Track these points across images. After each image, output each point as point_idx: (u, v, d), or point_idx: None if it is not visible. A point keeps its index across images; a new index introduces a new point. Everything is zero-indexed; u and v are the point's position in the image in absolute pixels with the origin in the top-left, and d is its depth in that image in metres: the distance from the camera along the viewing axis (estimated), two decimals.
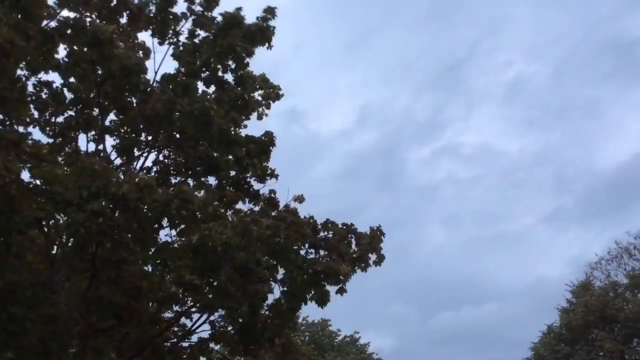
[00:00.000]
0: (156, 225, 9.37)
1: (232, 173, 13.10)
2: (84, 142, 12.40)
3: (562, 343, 32.63)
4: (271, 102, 14.16)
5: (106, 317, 9.39)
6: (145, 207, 8.96)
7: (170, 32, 12.87)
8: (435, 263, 74.41)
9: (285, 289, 10.59)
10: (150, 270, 10.20)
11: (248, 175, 13.20)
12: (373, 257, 11.44)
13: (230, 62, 12.52)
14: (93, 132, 12.35)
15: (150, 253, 10.35)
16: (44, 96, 12.12)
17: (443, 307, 78.62)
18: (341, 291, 10.62)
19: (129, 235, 9.33)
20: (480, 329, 60.39)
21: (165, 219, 9.34)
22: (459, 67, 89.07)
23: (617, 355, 30.33)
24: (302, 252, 10.57)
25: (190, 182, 13.24)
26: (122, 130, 12.77)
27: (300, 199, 11.99)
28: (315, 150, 77.34)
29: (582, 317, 31.22)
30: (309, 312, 38.10)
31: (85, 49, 11.13)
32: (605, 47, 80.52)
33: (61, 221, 9.78)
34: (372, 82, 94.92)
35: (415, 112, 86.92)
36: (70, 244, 10.43)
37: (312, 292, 10.52)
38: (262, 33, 12.48)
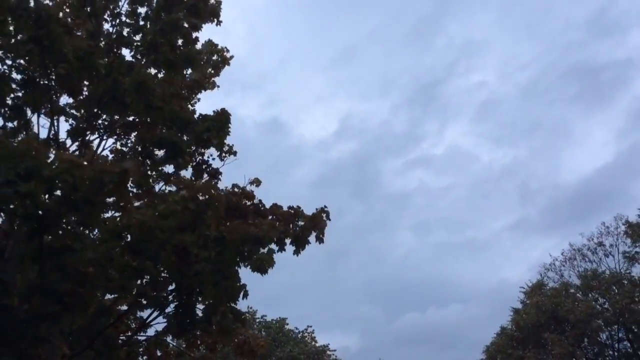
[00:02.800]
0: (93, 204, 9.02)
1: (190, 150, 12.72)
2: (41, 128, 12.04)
3: (514, 343, 33.15)
4: (221, 67, 13.99)
5: (50, 303, 9.11)
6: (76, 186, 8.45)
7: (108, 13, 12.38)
8: (405, 267, 76.95)
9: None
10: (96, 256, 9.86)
11: (204, 152, 12.84)
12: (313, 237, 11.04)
13: (178, 41, 12.07)
14: (44, 111, 11.77)
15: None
16: None
17: (409, 308, 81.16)
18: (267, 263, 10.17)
19: (73, 219, 9.09)
20: (443, 330, 62.33)
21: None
22: (436, 85, 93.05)
23: (567, 358, 30.98)
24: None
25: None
26: (78, 114, 12.27)
27: (256, 181, 11.69)
28: (294, 158, 79.89)
29: (534, 318, 31.75)
30: (267, 310, 38.49)
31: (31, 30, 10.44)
32: (572, 71, 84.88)
33: None
34: (353, 96, 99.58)
35: (392, 126, 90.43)
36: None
37: (245, 262, 10.08)
38: (205, 5, 12.12)
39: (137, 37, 12.33)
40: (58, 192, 8.66)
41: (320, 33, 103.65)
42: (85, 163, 8.90)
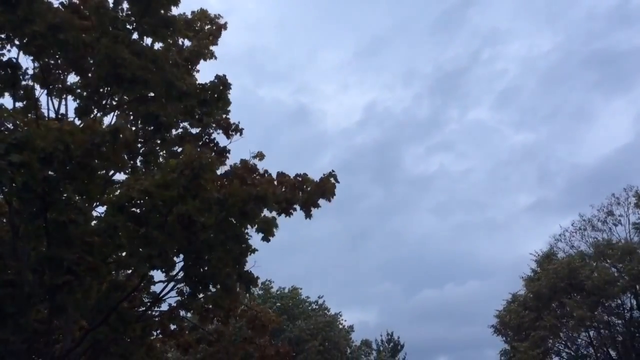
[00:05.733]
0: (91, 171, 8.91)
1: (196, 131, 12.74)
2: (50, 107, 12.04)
3: (526, 311, 33.19)
4: (217, 36, 13.86)
5: (61, 274, 9.19)
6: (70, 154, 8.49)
7: None
8: (424, 246, 78.82)
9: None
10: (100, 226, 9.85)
11: (212, 130, 12.90)
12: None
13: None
14: (52, 88, 11.76)
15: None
16: None
17: (427, 285, 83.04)
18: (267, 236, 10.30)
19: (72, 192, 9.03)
20: (461, 306, 63.38)
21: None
22: (459, 74, 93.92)
23: (585, 323, 31.03)
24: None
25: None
26: (84, 92, 12.18)
27: (260, 155, 11.48)
28: (319, 145, 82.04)
29: (551, 284, 31.72)
30: (281, 280, 39.02)
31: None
32: (593, 59, 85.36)
33: None
34: (378, 86, 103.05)
35: (415, 114, 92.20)
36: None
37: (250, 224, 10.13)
38: None
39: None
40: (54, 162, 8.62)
41: (348, 25, 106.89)
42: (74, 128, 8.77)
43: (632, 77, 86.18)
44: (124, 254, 10.33)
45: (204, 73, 15.26)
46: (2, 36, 10.94)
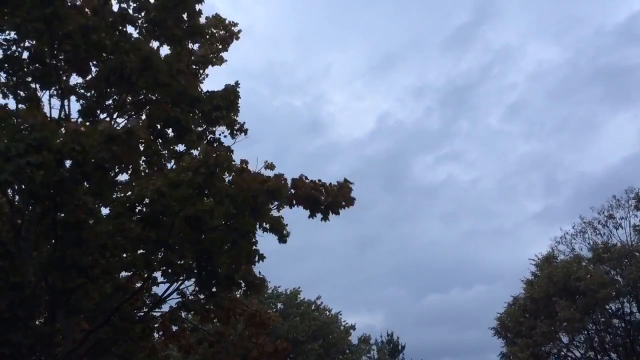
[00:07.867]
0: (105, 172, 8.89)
1: (200, 129, 12.77)
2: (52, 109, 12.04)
3: (526, 314, 33.18)
4: (229, 43, 14.07)
5: (74, 277, 9.19)
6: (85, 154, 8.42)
7: None
8: (432, 252, 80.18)
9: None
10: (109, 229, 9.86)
11: (215, 129, 12.93)
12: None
13: (183, 16, 11.81)
14: (54, 89, 11.67)
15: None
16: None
17: (433, 290, 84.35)
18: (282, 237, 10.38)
19: (85, 192, 9.02)
20: (467, 310, 64.14)
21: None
22: (470, 88, 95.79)
23: (577, 325, 30.98)
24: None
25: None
26: (88, 93, 12.20)
27: (270, 166, 11.75)
28: (330, 155, 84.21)
29: (545, 289, 31.79)
30: (283, 281, 39.12)
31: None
32: (600, 74, 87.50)
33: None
34: (390, 99, 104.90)
35: (426, 125, 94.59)
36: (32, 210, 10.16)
37: (259, 222, 10.14)
38: None
39: (142, 15, 12.15)
40: (68, 164, 8.66)
41: (363, 39, 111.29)
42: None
43: (638, 91, 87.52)
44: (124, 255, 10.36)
45: (219, 81, 15.44)
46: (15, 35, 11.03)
